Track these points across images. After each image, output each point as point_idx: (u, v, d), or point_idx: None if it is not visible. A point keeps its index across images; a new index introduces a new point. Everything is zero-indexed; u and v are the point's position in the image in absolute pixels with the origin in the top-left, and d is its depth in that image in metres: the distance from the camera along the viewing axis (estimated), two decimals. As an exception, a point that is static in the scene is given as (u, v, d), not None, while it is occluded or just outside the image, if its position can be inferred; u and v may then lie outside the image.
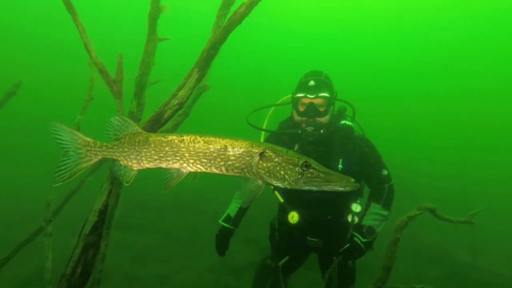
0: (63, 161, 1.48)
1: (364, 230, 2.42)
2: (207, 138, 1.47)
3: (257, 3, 1.94)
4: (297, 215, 2.48)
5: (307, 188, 1.42)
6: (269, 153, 1.42)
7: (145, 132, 1.54)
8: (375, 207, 2.53)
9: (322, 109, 2.42)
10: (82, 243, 1.75)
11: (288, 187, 1.43)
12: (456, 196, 11.20)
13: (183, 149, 1.46)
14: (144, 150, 1.49)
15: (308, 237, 2.56)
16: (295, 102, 2.51)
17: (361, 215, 2.51)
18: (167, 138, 1.49)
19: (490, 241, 8.32)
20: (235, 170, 1.45)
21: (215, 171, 1.46)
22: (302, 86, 2.45)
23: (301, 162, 1.40)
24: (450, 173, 13.68)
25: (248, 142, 1.48)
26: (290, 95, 2.66)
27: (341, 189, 1.39)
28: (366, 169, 2.53)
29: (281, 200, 2.58)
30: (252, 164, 1.43)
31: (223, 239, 2.73)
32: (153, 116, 1.89)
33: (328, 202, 2.52)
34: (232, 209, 2.76)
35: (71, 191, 2.93)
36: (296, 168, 1.40)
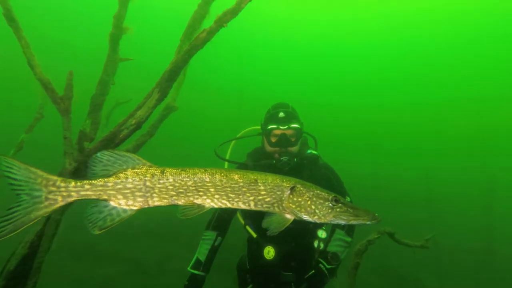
0: (11, 208, 1.18)
1: (329, 257, 2.40)
2: (234, 172, 1.43)
3: (219, 30, 2.02)
4: (273, 249, 2.41)
5: (335, 222, 1.47)
6: (299, 187, 1.46)
7: (157, 166, 1.39)
8: (340, 233, 2.54)
9: (293, 139, 2.45)
10: (3, 282, 1.51)
11: (317, 221, 1.48)
12: (421, 196, 11.80)
13: (208, 184, 1.38)
14: (159, 186, 1.34)
15: (282, 272, 2.47)
16: (267, 133, 2.52)
17: (326, 241, 2.51)
18: (189, 172, 1.38)
19: (454, 264, 8.58)
20: (264, 205, 1.44)
21: (242, 206, 1.43)
22: (273, 118, 2.51)
23: (330, 197, 1.46)
24: (415, 176, 14.55)
25: (277, 176, 1.50)
26: (253, 127, 2.76)
27: (368, 223, 1.47)
28: None
29: (254, 235, 2.46)
30: (283, 198, 1.44)
31: None
32: (106, 136, 1.82)
33: (301, 232, 2.48)
34: (202, 252, 2.53)
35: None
36: (326, 203, 1.45)
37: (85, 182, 1.28)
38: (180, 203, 1.38)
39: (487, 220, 11.39)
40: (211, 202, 1.40)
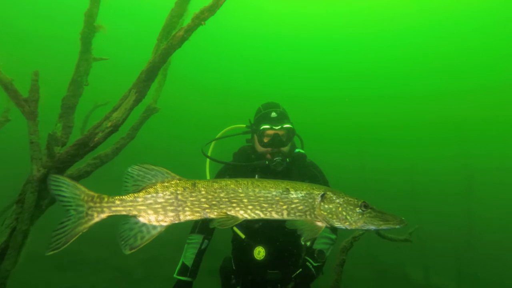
0: (62, 222, 1.23)
1: (315, 254, 2.41)
2: (265, 181, 1.41)
3: (196, 28, 1.96)
4: (263, 250, 2.38)
5: (365, 228, 1.47)
6: (330, 194, 1.46)
7: (186, 179, 1.35)
8: (325, 231, 2.56)
9: (285, 139, 2.45)
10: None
11: (349, 227, 1.48)
12: (405, 187, 12.24)
13: (241, 195, 1.37)
14: (191, 199, 1.32)
15: (268, 271, 2.42)
16: (260, 133, 2.48)
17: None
18: (221, 183, 1.37)
19: (439, 259, 8.86)
20: (297, 214, 1.43)
21: (275, 216, 1.41)
22: (265, 118, 2.49)
23: (360, 202, 1.46)
24: (399, 167, 15.09)
25: (307, 184, 1.49)
26: (234, 126, 2.71)
27: (397, 227, 1.46)
28: None
29: (242, 236, 2.41)
30: (315, 206, 1.44)
31: None
32: (79, 139, 1.73)
33: (289, 230, 2.48)
34: (188, 256, 2.45)
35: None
36: (357, 209, 1.45)
37: (116, 198, 1.30)
38: (213, 216, 1.34)
39: (468, 205, 11.91)
40: (244, 214, 1.38)
